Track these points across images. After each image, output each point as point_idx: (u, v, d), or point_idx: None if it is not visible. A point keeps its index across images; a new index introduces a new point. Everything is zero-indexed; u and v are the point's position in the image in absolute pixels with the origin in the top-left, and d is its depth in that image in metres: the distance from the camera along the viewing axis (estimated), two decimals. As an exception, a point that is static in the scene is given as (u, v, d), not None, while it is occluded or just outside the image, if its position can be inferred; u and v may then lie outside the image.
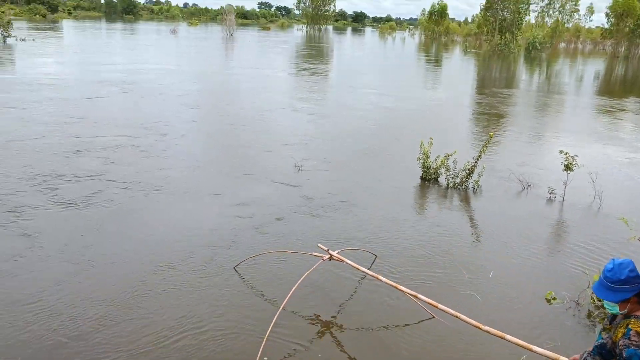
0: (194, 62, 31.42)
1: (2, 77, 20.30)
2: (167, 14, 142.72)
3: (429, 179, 9.80)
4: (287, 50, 47.94)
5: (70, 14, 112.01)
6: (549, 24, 79.07)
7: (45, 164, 9.45)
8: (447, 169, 9.55)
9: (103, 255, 6.18)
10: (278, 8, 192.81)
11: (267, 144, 11.96)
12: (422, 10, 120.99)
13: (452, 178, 9.53)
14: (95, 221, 7.14)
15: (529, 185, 9.70)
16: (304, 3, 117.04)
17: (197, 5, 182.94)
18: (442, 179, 9.79)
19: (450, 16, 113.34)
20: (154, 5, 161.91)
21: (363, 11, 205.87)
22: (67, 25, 72.70)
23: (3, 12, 50.42)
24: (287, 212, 7.88)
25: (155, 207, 7.84)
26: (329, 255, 5.51)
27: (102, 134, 11.91)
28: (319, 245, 5.91)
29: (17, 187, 8.22)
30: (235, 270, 5.97)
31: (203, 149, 11.60)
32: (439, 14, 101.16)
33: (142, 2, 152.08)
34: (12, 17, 50.63)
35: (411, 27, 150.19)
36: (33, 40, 38.65)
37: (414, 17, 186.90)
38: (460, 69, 40.58)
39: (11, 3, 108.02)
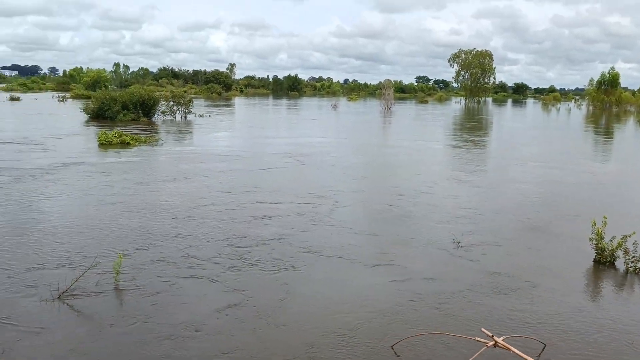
0: (355, 135, 32.44)
1: (187, 149, 22.54)
2: (328, 90, 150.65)
3: (603, 261, 8.86)
4: (445, 123, 47.84)
5: (241, 91, 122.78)
6: None
7: (234, 228, 10.16)
8: (626, 252, 8.57)
9: (281, 313, 6.43)
10: (436, 81, 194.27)
11: (431, 216, 11.76)
12: (590, 80, 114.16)
13: (633, 262, 8.52)
14: (282, 282, 7.64)
15: None
16: (463, 76, 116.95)
17: (356, 81, 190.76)
18: (619, 263, 8.80)
19: (622, 85, 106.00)
20: (316, 82, 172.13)
21: (524, 82, 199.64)
22: (239, 102, 79.68)
23: (185, 92, 56.72)
24: (450, 289, 7.53)
25: (326, 272, 8.10)
26: (493, 342, 5.09)
27: (279, 201, 12.70)
28: (483, 330, 5.50)
29: (209, 247, 8.86)
30: (393, 349, 5.72)
31: (370, 218, 11.75)
32: (609, 83, 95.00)
33: (305, 80, 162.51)
34: (192, 96, 56.47)
35: (577, 97, 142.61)
36: (209, 116, 42.73)
37: (580, 87, 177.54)
38: (635, 140, 37.38)
39: (192, 83, 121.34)
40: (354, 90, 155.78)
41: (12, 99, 60.45)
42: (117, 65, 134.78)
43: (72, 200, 12.50)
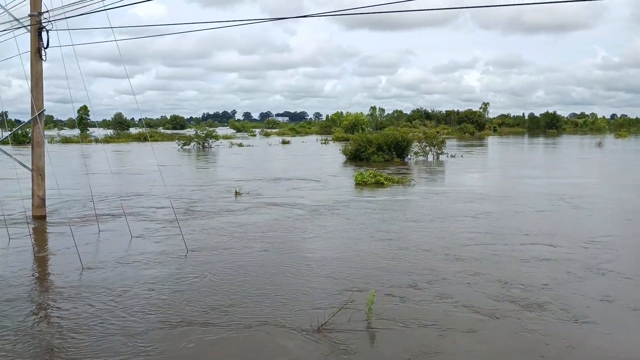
0: (629, 175, 29.00)
1: (439, 189, 22.69)
2: (591, 127, 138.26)
3: None
4: None
5: (495, 130, 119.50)
6: None
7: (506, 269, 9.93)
8: None
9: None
10: None
11: None
12: None
13: None
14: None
15: None
16: None
17: (625, 115, 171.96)
18: None
19: None
20: (577, 118, 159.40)
21: None
22: (492, 141, 77.69)
23: (438, 132, 57.32)
24: None
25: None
26: None
27: (553, 245, 12.14)
28: None
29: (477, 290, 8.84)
30: None
31: None
32: None
33: (565, 117, 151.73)
34: (445, 136, 56.87)
35: None
36: (462, 156, 42.46)
37: None
38: None
39: (445, 124, 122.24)
40: (622, 126, 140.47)
41: (284, 142, 69.46)
42: (373, 108, 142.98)
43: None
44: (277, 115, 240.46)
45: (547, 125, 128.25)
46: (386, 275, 9.89)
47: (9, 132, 25.11)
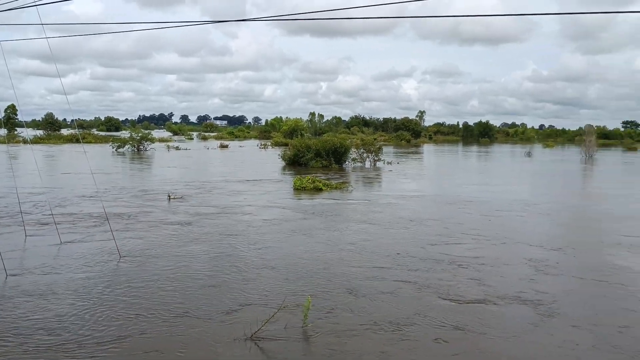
0: (550, 185, 30.47)
1: (376, 193, 23.01)
2: (522, 136, 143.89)
3: None
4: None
5: (430, 138, 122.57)
6: None
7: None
8: None
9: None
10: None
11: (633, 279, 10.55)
12: None
13: None
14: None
15: None
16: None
17: (553, 126, 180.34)
18: None
19: None
20: (509, 128, 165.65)
21: None
22: (427, 149, 79.74)
23: (375, 139, 58.23)
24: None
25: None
26: None
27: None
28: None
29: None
30: None
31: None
32: None
33: (497, 126, 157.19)
34: (382, 143, 57.86)
35: None
36: (398, 163, 43.32)
37: None
38: None
39: (382, 131, 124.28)
40: (550, 136, 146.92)
41: (222, 146, 68.55)
42: (312, 114, 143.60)
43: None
44: (216, 119, 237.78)
45: (480, 134, 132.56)
46: (323, 280, 9.99)
47: None
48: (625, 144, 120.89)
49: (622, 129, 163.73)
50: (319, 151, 37.90)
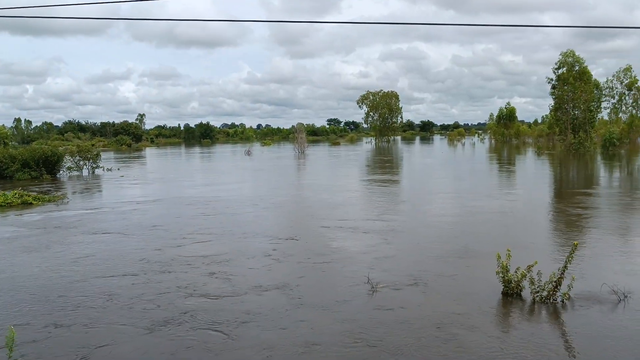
0: (271, 180, 32.37)
1: (94, 204, 21.51)
2: (241, 136, 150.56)
3: (510, 293, 9.19)
4: (357, 163, 48.99)
5: (152, 141, 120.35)
6: (623, 119, 76.85)
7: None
8: (532, 282, 8.92)
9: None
10: (347, 123, 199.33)
11: (347, 257, 11.77)
12: (490, 115, 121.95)
13: (538, 292, 8.88)
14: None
15: (626, 297, 8.88)
16: (372, 117, 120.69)
17: (269, 125, 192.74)
18: (525, 293, 9.15)
19: (520, 118, 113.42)
20: (229, 128, 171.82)
21: (430, 120, 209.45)
22: (150, 152, 78.01)
23: (93, 145, 54.89)
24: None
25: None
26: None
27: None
28: None
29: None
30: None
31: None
32: (507, 117, 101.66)
33: (218, 127, 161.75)
34: (100, 149, 54.83)
35: (480, 132, 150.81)
36: (118, 169, 41.34)
37: (482, 122, 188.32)
38: (536, 170, 39.69)
39: (101, 136, 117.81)
40: (267, 135, 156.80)
41: None
42: (18, 120, 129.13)
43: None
44: None
45: (202, 135, 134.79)
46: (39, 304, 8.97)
47: None
48: (330, 139, 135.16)
49: (327, 126, 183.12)
50: (27, 161, 34.00)
